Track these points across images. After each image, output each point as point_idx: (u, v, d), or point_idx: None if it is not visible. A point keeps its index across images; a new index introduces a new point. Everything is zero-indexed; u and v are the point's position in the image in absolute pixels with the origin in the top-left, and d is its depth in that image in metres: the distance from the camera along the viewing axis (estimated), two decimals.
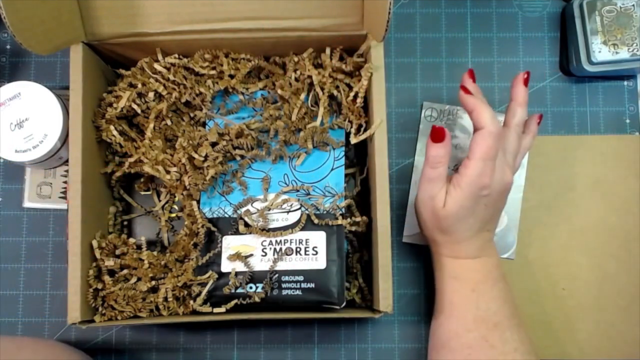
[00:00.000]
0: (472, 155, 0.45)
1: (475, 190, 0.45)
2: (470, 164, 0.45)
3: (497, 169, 0.45)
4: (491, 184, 0.45)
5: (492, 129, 0.44)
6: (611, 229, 0.56)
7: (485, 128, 0.45)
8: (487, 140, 0.44)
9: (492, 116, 0.45)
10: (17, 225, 0.56)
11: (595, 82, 0.58)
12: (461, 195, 0.45)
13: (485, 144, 0.44)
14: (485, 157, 0.44)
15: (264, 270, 0.48)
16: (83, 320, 0.46)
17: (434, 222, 0.47)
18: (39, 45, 0.45)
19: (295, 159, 0.51)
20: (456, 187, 0.45)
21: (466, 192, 0.45)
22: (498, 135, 0.45)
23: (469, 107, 0.47)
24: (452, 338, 0.47)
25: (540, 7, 0.59)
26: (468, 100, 0.47)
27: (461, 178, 0.45)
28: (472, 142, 0.45)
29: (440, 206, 0.46)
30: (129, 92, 0.51)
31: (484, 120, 0.45)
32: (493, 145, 0.44)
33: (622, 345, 0.55)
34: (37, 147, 0.50)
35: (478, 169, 0.44)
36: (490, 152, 0.44)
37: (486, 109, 0.45)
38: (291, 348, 0.55)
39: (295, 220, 0.49)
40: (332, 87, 0.50)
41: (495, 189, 0.46)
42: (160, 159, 0.50)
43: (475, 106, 0.46)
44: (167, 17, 0.49)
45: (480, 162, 0.44)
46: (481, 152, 0.44)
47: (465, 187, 0.45)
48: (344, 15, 0.48)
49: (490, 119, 0.45)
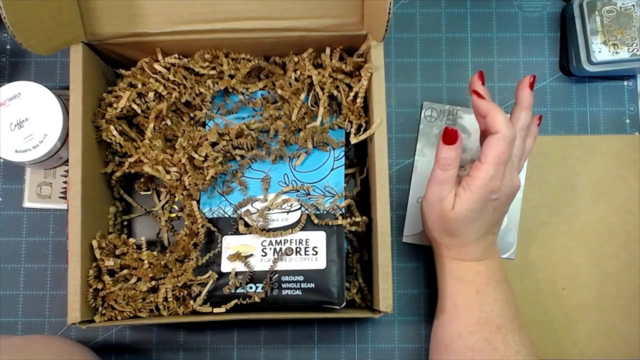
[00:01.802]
0: (484, 158, 0.44)
1: (485, 193, 0.44)
2: (483, 167, 0.44)
3: (507, 173, 0.45)
4: (501, 188, 0.45)
5: (507, 134, 0.44)
6: (611, 229, 0.56)
7: (500, 132, 0.44)
8: (502, 145, 0.44)
9: (507, 120, 0.44)
10: (17, 225, 0.56)
11: (595, 82, 0.58)
12: (471, 198, 0.45)
13: (499, 148, 0.44)
14: (499, 161, 0.44)
15: (264, 270, 0.48)
16: (83, 320, 0.46)
17: (441, 224, 0.47)
18: (39, 45, 0.45)
19: (295, 159, 0.51)
20: (466, 189, 0.45)
21: (477, 195, 0.44)
22: (512, 140, 0.44)
23: (483, 111, 0.46)
24: (455, 340, 0.47)
25: (540, 7, 0.59)
26: (482, 104, 0.46)
27: (472, 181, 0.45)
28: (486, 146, 0.45)
29: (448, 208, 0.46)
30: (129, 92, 0.51)
31: (499, 125, 0.44)
32: (507, 150, 0.44)
33: (622, 345, 0.55)
34: (37, 147, 0.50)
35: (490, 173, 0.44)
36: (503, 156, 0.44)
37: (501, 113, 0.45)
38: (291, 348, 0.55)
39: (295, 220, 0.49)
40: (332, 87, 0.50)
41: (504, 193, 0.45)
42: (160, 159, 0.50)
43: (489, 110, 0.45)
44: (167, 17, 0.49)
45: (492, 166, 0.44)
46: (494, 156, 0.44)
47: (476, 191, 0.44)
48: (344, 15, 0.48)
49: (506, 124, 0.44)
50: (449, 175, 0.46)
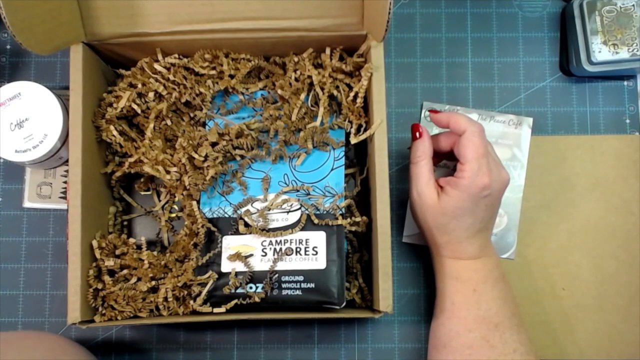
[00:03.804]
0: (464, 159, 0.46)
1: (476, 191, 0.45)
2: (465, 167, 0.46)
3: (494, 169, 0.46)
4: (491, 184, 0.46)
5: (473, 129, 0.46)
6: (611, 229, 0.56)
7: (467, 130, 0.46)
8: (474, 140, 0.46)
9: (467, 118, 0.47)
10: (17, 225, 0.56)
11: (595, 82, 0.58)
12: (459, 196, 0.46)
13: (472, 143, 0.46)
14: (477, 155, 0.45)
15: (264, 270, 0.48)
16: (83, 320, 0.46)
17: (429, 220, 0.48)
18: (39, 45, 0.45)
19: (295, 159, 0.51)
20: (454, 187, 0.46)
21: (464, 194, 0.45)
22: (481, 132, 0.46)
23: (443, 121, 0.49)
24: (453, 338, 0.47)
25: (540, 7, 0.59)
26: (440, 116, 0.49)
27: (459, 180, 0.46)
28: (460, 147, 0.46)
29: (430, 203, 0.47)
30: (129, 92, 0.51)
31: (462, 124, 0.47)
32: (480, 142, 0.46)
33: (622, 345, 0.55)
34: (37, 147, 0.50)
35: (474, 170, 0.45)
36: (479, 149, 0.46)
37: (460, 115, 0.47)
38: (291, 348, 0.55)
39: (295, 220, 0.49)
40: (332, 87, 0.50)
41: (495, 189, 0.46)
42: (160, 159, 0.50)
43: (448, 117, 0.48)
44: (167, 17, 0.49)
45: (474, 163, 0.45)
46: (472, 152, 0.46)
47: (464, 190, 0.45)
48: (344, 15, 0.48)
49: (468, 121, 0.47)
50: (420, 167, 0.48)
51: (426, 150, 0.48)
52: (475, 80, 0.58)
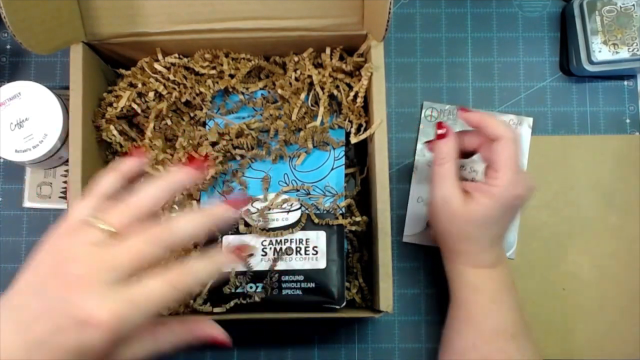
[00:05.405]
0: (497, 166, 0.43)
1: (507, 202, 0.43)
2: (500, 174, 0.43)
3: (526, 177, 0.44)
4: (524, 194, 0.44)
5: (510, 135, 0.43)
6: (611, 229, 0.56)
7: (504, 136, 0.43)
8: (511, 148, 0.43)
9: (502, 123, 0.44)
10: (17, 225, 0.56)
11: (595, 82, 0.58)
12: (491, 205, 0.43)
13: (509, 151, 0.43)
14: (512, 164, 0.43)
15: (264, 270, 0.48)
16: None
17: (453, 228, 0.45)
18: (39, 45, 0.45)
19: (295, 159, 0.51)
20: (485, 195, 0.43)
21: (497, 203, 0.43)
22: (518, 139, 0.44)
23: (475, 122, 0.45)
24: (469, 349, 0.46)
25: (540, 7, 0.59)
26: (470, 115, 0.45)
27: (491, 189, 0.43)
28: (494, 153, 0.44)
29: (456, 208, 0.44)
30: (129, 92, 0.51)
31: (497, 129, 0.44)
32: (517, 151, 0.43)
33: (622, 345, 0.55)
34: (37, 147, 0.50)
35: (510, 179, 0.43)
36: (515, 159, 0.43)
37: (493, 118, 0.44)
38: (291, 348, 0.55)
39: (295, 220, 0.49)
40: (332, 86, 0.50)
41: (525, 197, 0.44)
42: (160, 159, 0.50)
43: (480, 118, 0.45)
44: (167, 17, 0.49)
45: (509, 172, 0.43)
46: (508, 160, 0.43)
47: (497, 199, 0.43)
48: (344, 15, 0.48)
49: (503, 126, 0.44)
50: (445, 170, 0.45)
51: (452, 152, 0.45)
52: (475, 80, 0.58)
